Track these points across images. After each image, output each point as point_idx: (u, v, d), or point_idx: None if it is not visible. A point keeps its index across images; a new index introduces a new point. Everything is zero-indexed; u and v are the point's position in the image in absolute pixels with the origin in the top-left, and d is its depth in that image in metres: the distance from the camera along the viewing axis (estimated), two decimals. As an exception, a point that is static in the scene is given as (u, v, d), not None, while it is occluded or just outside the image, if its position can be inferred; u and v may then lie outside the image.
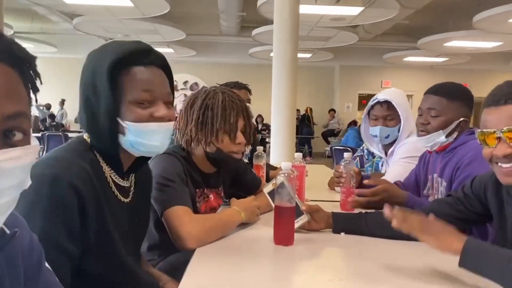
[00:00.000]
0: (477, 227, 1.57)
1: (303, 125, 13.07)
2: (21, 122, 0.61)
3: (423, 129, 1.77)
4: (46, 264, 0.80)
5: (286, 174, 1.30)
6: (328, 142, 12.85)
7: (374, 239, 1.40)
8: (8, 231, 0.69)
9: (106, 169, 1.09)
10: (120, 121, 1.07)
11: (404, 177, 2.05)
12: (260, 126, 12.63)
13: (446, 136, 1.73)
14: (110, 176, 1.10)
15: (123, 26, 8.79)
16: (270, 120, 6.02)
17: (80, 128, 1.19)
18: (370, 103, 2.28)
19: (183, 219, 1.32)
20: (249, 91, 2.74)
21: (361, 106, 14.16)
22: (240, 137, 1.53)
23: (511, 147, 1.05)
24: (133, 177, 1.20)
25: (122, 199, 1.13)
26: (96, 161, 1.07)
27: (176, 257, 1.49)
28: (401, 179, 2.05)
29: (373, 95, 2.37)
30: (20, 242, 0.73)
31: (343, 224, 1.44)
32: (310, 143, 13.21)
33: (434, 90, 1.76)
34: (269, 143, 6.29)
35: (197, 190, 1.58)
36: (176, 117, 1.57)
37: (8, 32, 9.31)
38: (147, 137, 1.08)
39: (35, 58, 0.67)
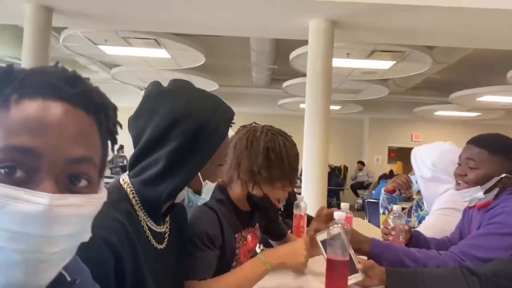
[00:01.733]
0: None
1: (333, 175, 12.96)
2: (86, 168, 0.59)
3: (460, 180, 1.66)
4: None
5: (340, 225, 1.25)
6: (357, 195, 12.61)
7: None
8: (68, 278, 0.66)
9: (143, 216, 1.06)
10: (201, 179, 1.10)
11: (436, 228, 1.98)
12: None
13: (485, 193, 1.58)
14: (146, 224, 1.07)
15: (158, 76, 9.08)
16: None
17: (112, 173, 1.17)
18: None
19: None
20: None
21: (390, 159, 13.97)
22: (292, 185, 1.47)
23: None
24: (168, 220, 1.17)
25: (158, 246, 1.10)
26: (132, 210, 1.04)
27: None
28: (434, 230, 1.97)
29: (403, 148, 2.49)
30: None
31: (398, 282, 1.35)
32: (339, 195, 12.99)
33: (476, 141, 1.64)
34: (299, 193, 6.20)
35: (236, 235, 1.49)
36: None
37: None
38: (209, 195, 1.14)
39: (115, 107, 0.67)
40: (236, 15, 5.23)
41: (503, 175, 1.56)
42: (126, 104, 1.11)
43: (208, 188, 1.13)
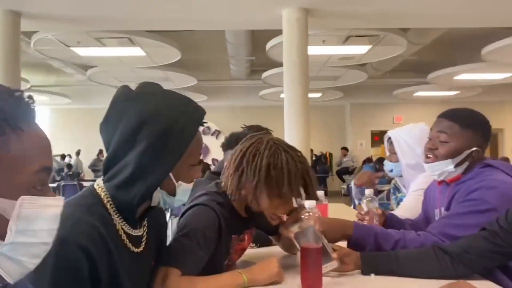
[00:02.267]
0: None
1: (319, 163, 13.05)
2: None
3: (430, 154, 1.63)
4: None
5: (311, 214, 1.25)
6: (343, 180, 12.72)
7: (406, 279, 1.33)
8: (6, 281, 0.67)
9: (118, 220, 1.05)
10: (173, 180, 1.08)
11: (413, 209, 1.98)
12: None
13: (455, 166, 1.57)
14: (122, 227, 1.06)
15: (135, 75, 8.99)
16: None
17: (96, 176, 1.16)
18: (384, 136, 2.36)
19: (169, 281, 1.18)
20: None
21: (374, 143, 14.09)
22: (290, 205, 1.37)
23: None
24: (145, 224, 1.16)
25: (135, 249, 1.09)
26: (107, 214, 1.04)
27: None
28: (411, 211, 1.98)
29: (385, 131, 2.42)
30: None
31: (372, 265, 1.36)
32: (326, 182, 13.09)
33: (448, 114, 1.62)
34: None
35: (233, 236, 1.45)
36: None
37: (24, 86, 9.58)
38: (185, 196, 1.13)
39: None
40: (209, 9, 5.18)
41: (474, 148, 1.56)
42: (105, 106, 1.09)
43: (183, 189, 1.12)
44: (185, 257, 1.23)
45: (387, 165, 2.32)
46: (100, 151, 12.65)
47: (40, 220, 0.65)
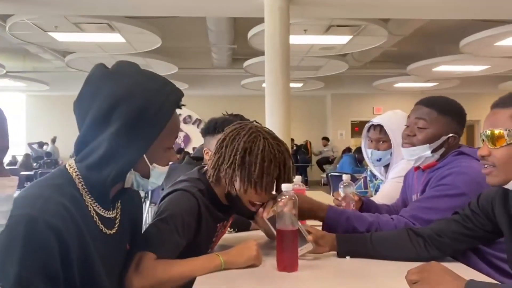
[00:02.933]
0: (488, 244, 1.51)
1: (300, 153, 13.12)
2: None
3: (408, 141, 1.66)
4: None
5: (287, 197, 1.26)
6: (323, 170, 12.83)
7: (381, 262, 1.35)
8: None
9: (90, 201, 1.03)
10: (148, 162, 1.07)
11: (391, 196, 2.02)
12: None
13: (432, 152, 1.61)
14: (93, 209, 1.04)
15: (114, 61, 8.84)
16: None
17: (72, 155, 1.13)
18: (367, 125, 2.28)
19: (144, 265, 1.16)
20: None
21: (354, 133, 14.22)
22: (267, 192, 1.35)
23: (487, 149, 1.10)
24: (119, 206, 1.14)
25: (107, 231, 1.07)
26: (78, 195, 1.01)
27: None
28: (389, 198, 2.01)
29: (366, 121, 2.37)
30: None
31: (348, 247, 1.39)
32: (306, 172, 13.18)
33: (425, 101, 1.66)
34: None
35: (218, 224, 1.45)
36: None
37: (0, 72, 9.35)
38: (160, 179, 1.12)
39: None
40: (189, -5, 5.12)
41: (450, 135, 1.60)
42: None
43: (157, 172, 1.10)
44: (162, 242, 1.22)
45: (375, 154, 2.21)
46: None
47: None
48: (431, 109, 1.62)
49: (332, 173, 7.20)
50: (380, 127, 2.20)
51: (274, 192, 1.38)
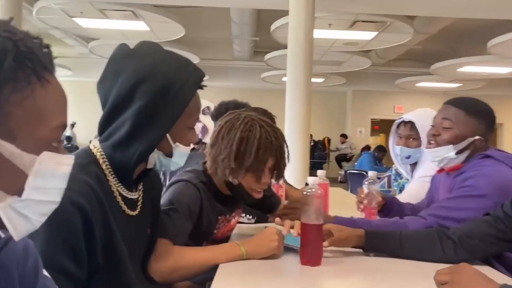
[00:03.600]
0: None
1: (316, 149, 13.06)
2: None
3: (432, 140, 1.60)
4: (45, 272, 0.76)
5: (313, 190, 1.23)
6: (341, 167, 12.76)
7: (405, 261, 1.32)
8: (3, 235, 0.66)
9: (113, 182, 1.03)
10: (171, 141, 1.06)
11: (417, 195, 1.95)
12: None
13: (457, 153, 1.55)
14: (117, 189, 1.04)
15: (137, 50, 8.91)
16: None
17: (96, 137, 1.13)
18: (397, 121, 2.23)
19: (159, 252, 1.21)
20: (271, 118, 2.24)
21: (373, 131, 14.08)
22: (266, 178, 1.37)
23: None
24: (141, 188, 1.14)
25: (130, 212, 1.07)
26: (102, 175, 1.01)
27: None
28: (415, 197, 1.95)
29: (386, 120, 2.32)
30: (14, 248, 0.70)
31: (376, 242, 1.35)
32: (323, 168, 13.13)
33: (454, 101, 1.60)
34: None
35: (220, 217, 1.47)
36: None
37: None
38: (182, 159, 1.11)
39: None
40: (215, -15, 5.11)
41: (477, 137, 1.53)
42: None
43: (180, 151, 1.09)
44: (176, 229, 1.28)
45: (404, 151, 2.15)
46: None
47: (53, 178, 0.62)
48: (459, 110, 1.56)
49: (351, 171, 7.14)
50: (411, 124, 2.13)
51: (273, 180, 1.40)
